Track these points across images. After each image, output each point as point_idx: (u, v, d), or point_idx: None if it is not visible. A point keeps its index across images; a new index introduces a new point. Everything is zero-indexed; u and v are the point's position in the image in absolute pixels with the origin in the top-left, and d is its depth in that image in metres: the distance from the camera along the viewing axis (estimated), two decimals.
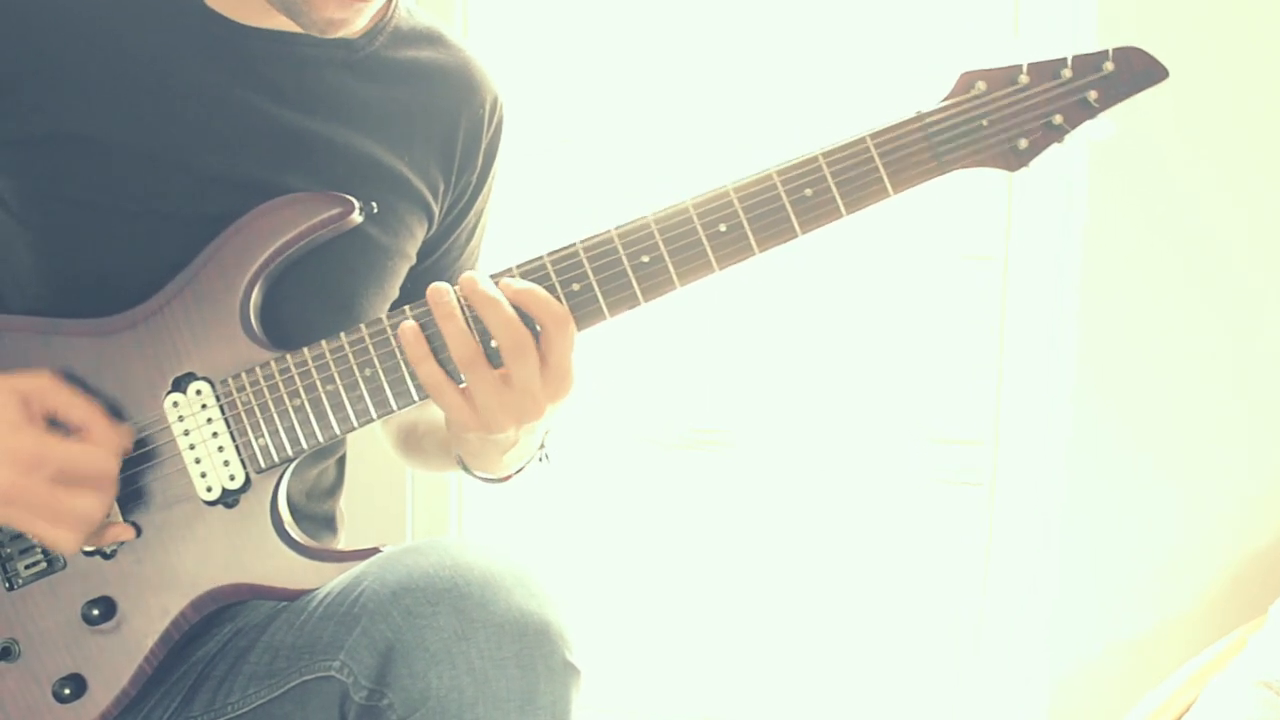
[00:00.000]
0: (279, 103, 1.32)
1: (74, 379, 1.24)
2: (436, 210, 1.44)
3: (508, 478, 1.38)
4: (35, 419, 1.20)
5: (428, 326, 1.21)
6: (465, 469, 1.38)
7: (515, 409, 1.20)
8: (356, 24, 1.29)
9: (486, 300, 1.18)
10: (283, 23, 1.32)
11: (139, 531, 1.25)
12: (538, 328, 1.19)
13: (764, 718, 2.29)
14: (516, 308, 1.19)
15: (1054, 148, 1.25)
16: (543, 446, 1.38)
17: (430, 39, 1.44)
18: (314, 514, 1.44)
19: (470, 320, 1.19)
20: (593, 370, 1.26)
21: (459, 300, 1.20)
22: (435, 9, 1.92)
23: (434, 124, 1.42)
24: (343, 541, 1.49)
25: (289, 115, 1.32)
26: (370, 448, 1.60)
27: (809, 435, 2.25)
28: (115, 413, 1.25)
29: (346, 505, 1.51)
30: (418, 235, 1.43)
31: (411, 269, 1.45)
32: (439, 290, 1.20)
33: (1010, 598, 2.06)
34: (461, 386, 1.20)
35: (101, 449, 1.21)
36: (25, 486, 1.17)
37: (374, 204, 1.32)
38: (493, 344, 1.19)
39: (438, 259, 1.49)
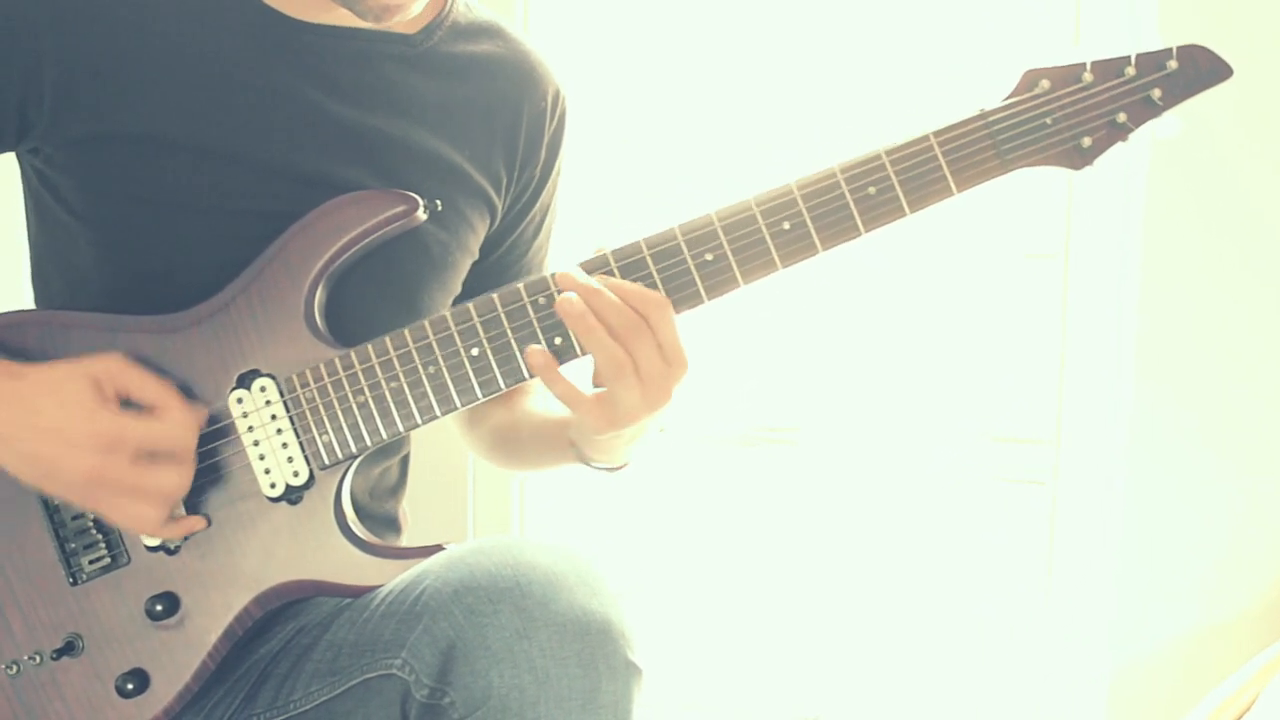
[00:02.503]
0: (338, 98, 1.32)
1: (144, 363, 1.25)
2: (499, 205, 1.44)
3: (626, 465, 1.38)
4: (109, 400, 1.21)
5: (494, 339, 1.22)
6: (586, 464, 1.38)
7: (650, 398, 1.20)
8: (412, 10, 1.29)
9: (591, 290, 1.19)
10: (340, 17, 1.32)
11: (209, 523, 1.26)
12: None
13: (827, 715, 2.28)
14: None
15: (1118, 146, 1.24)
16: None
17: (489, 33, 1.44)
18: (377, 513, 1.44)
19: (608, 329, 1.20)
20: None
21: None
22: (495, 5, 1.92)
23: (495, 118, 1.42)
24: (405, 542, 1.48)
25: (348, 110, 1.32)
26: (433, 447, 1.60)
27: (872, 433, 2.25)
28: None
29: (409, 505, 1.50)
30: (480, 230, 1.43)
31: (476, 264, 1.45)
32: (570, 303, 1.19)
33: (1072, 595, 2.05)
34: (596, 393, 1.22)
35: (177, 423, 1.22)
36: (108, 467, 1.19)
37: (438, 202, 1.32)
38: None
39: (503, 254, 1.49)
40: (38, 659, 1.27)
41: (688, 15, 2.25)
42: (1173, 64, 1.21)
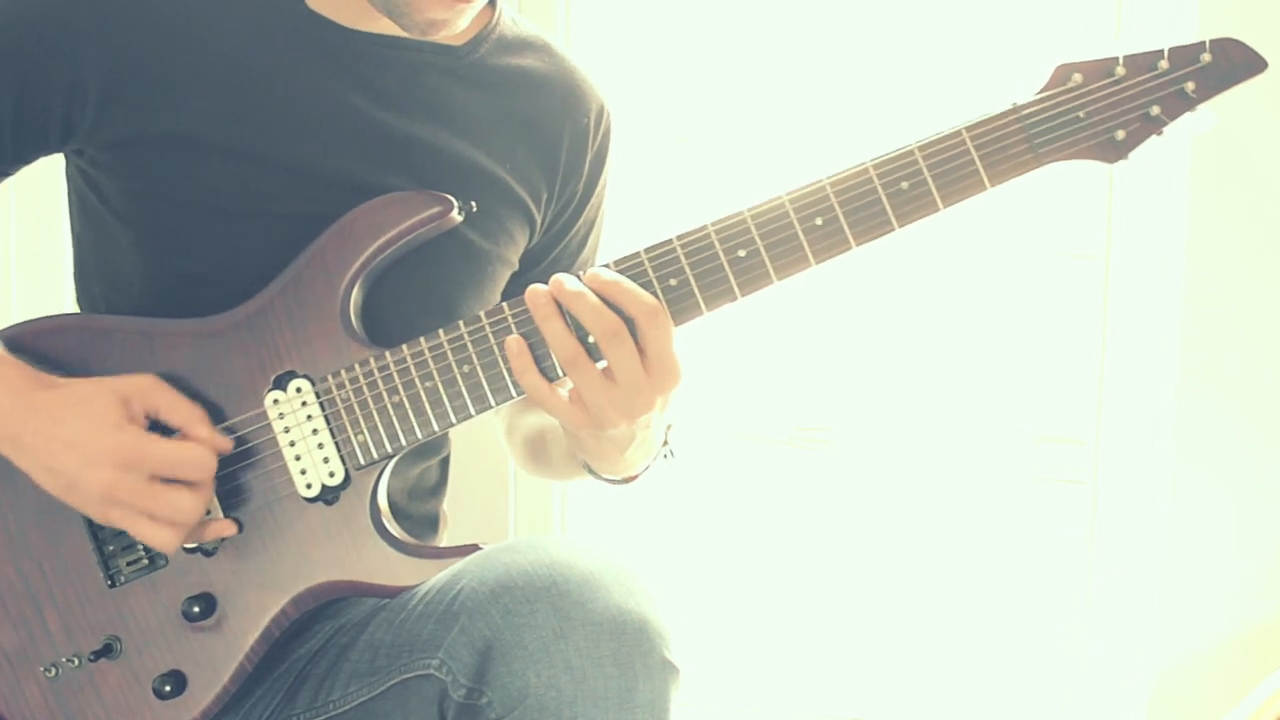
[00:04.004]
0: (381, 106, 1.33)
1: (177, 380, 1.26)
2: (539, 218, 1.45)
3: (634, 478, 1.37)
4: (136, 419, 1.22)
5: (530, 336, 1.21)
6: (592, 472, 1.37)
7: (624, 404, 1.19)
8: (458, 25, 1.29)
9: (572, 295, 1.18)
10: (385, 26, 1.33)
11: (240, 528, 1.27)
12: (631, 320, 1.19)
13: (865, 713, 2.27)
14: (608, 302, 1.18)
15: (1153, 140, 1.23)
16: (666, 443, 1.37)
17: (534, 48, 1.45)
18: (416, 514, 1.44)
19: (569, 321, 1.20)
20: (695, 367, 1.25)
21: (556, 302, 1.20)
22: (538, 13, 1.93)
23: (537, 132, 1.42)
24: (444, 542, 1.49)
25: (391, 118, 1.33)
26: (474, 448, 1.60)
27: (911, 433, 2.25)
28: (217, 410, 1.27)
29: (449, 505, 1.50)
30: (519, 242, 1.43)
31: (518, 277, 1.45)
32: (536, 291, 1.20)
33: (1113, 595, 2.04)
34: (568, 390, 1.21)
35: (199, 449, 1.22)
36: (123, 485, 1.20)
37: (473, 203, 1.32)
38: (590, 340, 1.19)
39: (547, 268, 1.48)
40: (76, 661, 1.28)
41: (728, 19, 2.25)
42: (1206, 57, 1.21)
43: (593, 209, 1.51)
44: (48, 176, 1.45)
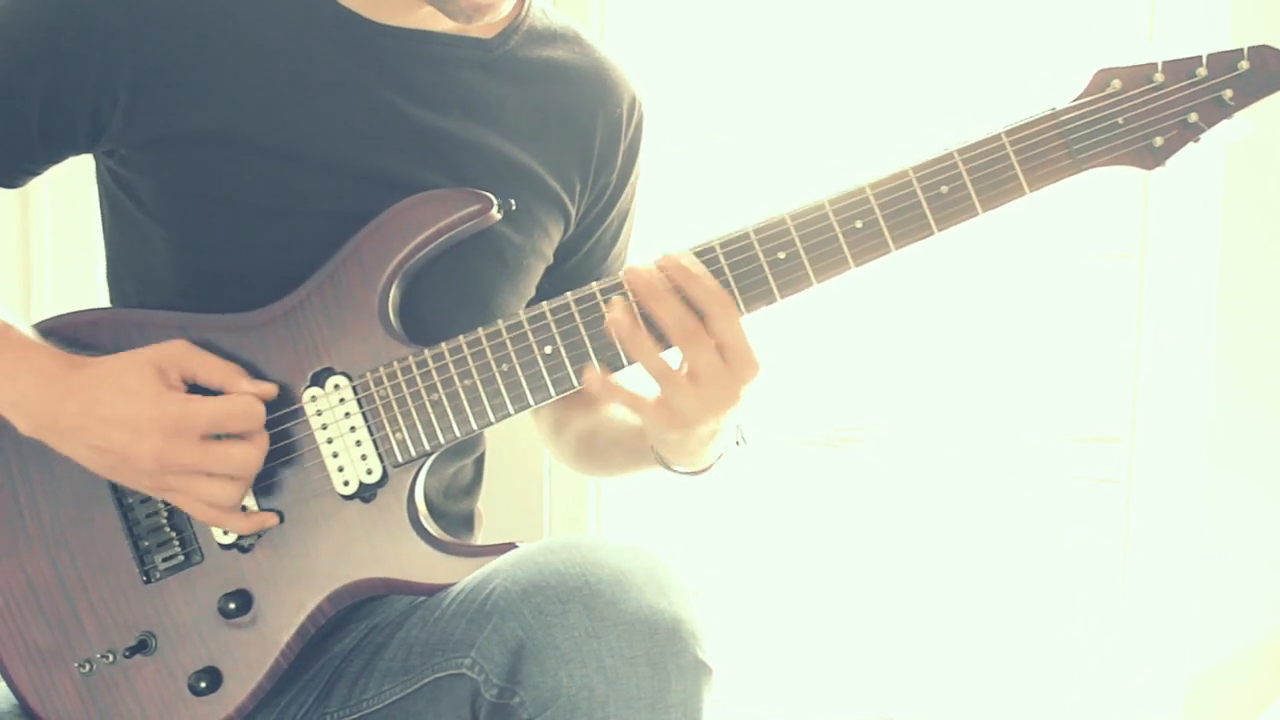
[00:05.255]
0: (414, 100, 1.33)
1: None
2: (573, 211, 1.45)
3: (709, 467, 1.36)
4: (174, 385, 1.22)
5: (568, 337, 1.22)
6: (666, 466, 1.36)
7: (711, 401, 1.19)
8: (502, 10, 1.29)
9: (653, 291, 1.19)
10: (417, 20, 1.33)
11: (281, 520, 1.27)
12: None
13: (899, 714, 2.27)
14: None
15: (1190, 147, 1.24)
16: (738, 429, 1.36)
17: (566, 39, 1.44)
18: (451, 513, 1.44)
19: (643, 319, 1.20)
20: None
21: (633, 305, 1.20)
22: (572, 8, 1.93)
23: (570, 124, 1.42)
24: (480, 541, 1.48)
25: (424, 113, 1.33)
26: (509, 447, 1.60)
27: (947, 434, 2.25)
28: None
29: (484, 504, 1.50)
30: (553, 235, 1.43)
31: (552, 270, 1.45)
32: (615, 323, 1.20)
33: (1148, 596, 2.04)
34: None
35: (246, 398, 1.22)
36: (176, 450, 1.20)
37: (513, 201, 1.33)
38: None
39: (580, 260, 1.49)
40: (111, 657, 1.28)
41: (763, 16, 2.26)
42: (1244, 64, 1.21)
43: (626, 200, 1.51)
44: (79, 176, 1.45)
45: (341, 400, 1.26)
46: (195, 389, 1.24)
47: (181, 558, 1.28)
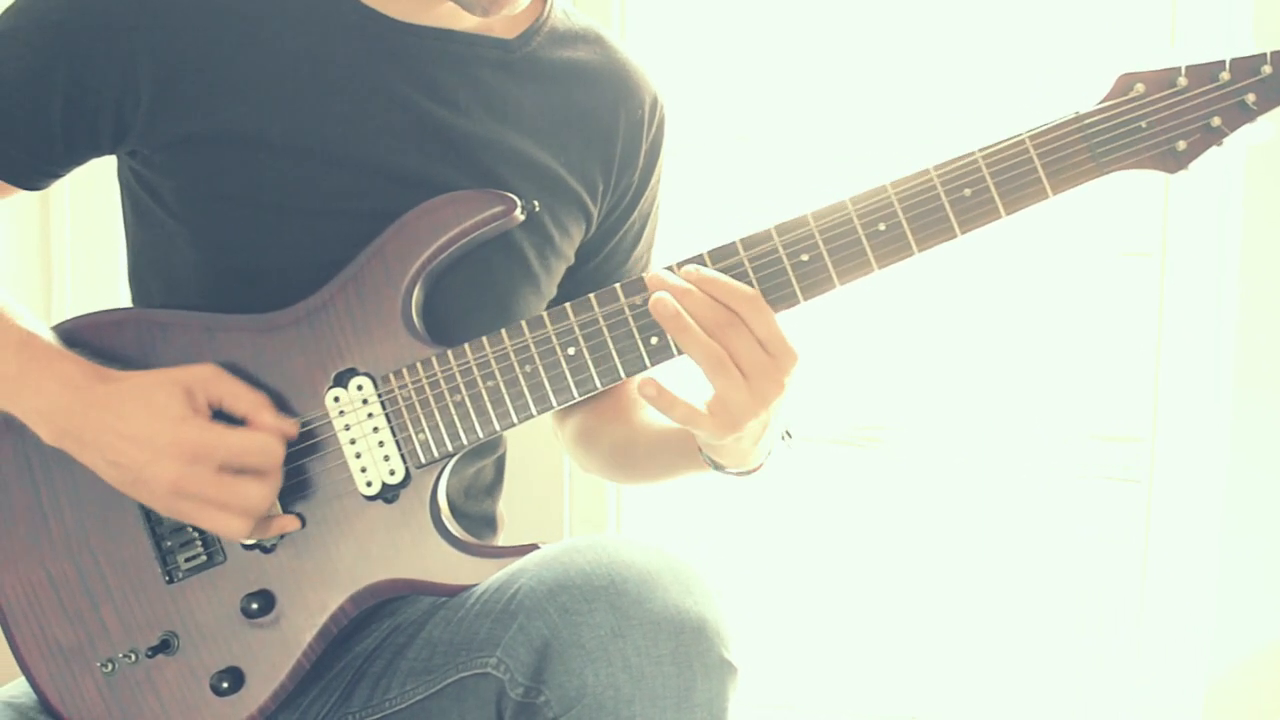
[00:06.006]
0: (436, 100, 1.33)
1: (237, 375, 1.26)
2: (595, 211, 1.45)
3: (760, 466, 1.36)
4: (200, 410, 1.22)
5: (596, 350, 1.23)
6: (718, 469, 1.36)
7: (759, 393, 1.19)
8: (519, 4, 1.29)
9: (681, 290, 1.19)
10: (437, 18, 1.33)
11: (303, 523, 1.27)
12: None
13: (920, 713, 2.27)
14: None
15: (1213, 150, 1.24)
16: (784, 426, 1.36)
17: (587, 39, 1.44)
18: (473, 513, 1.44)
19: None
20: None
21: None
22: (594, 8, 1.93)
23: (591, 125, 1.42)
24: (501, 542, 1.48)
25: (445, 112, 1.33)
26: (529, 448, 1.60)
27: (967, 432, 2.25)
28: (279, 407, 1.26)
29: (504, 505, 1.50)
30: (575, 236, 1.43)
31: (575, 271, 1.46)
32: (663, 303, 1.19)
33: (1168, 595, 2.04)
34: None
35: (266, 436, 1.23)
36: (191, 478, 1.20)
37: (536, 202, 1.33)
38: None
39: (602, 261, 1.49)
40: (133, 657, 1.28)
41: (789, 16, 2.26)
42: (1267, 69, 1.21)
43: (648, 202, 1.51)
44: (99, 177, 1.45)
45: (364, 401, 1.26)
46: (220, 415, 1.24)
47: (204, 558, 1.28)
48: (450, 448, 1.26)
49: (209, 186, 1.31)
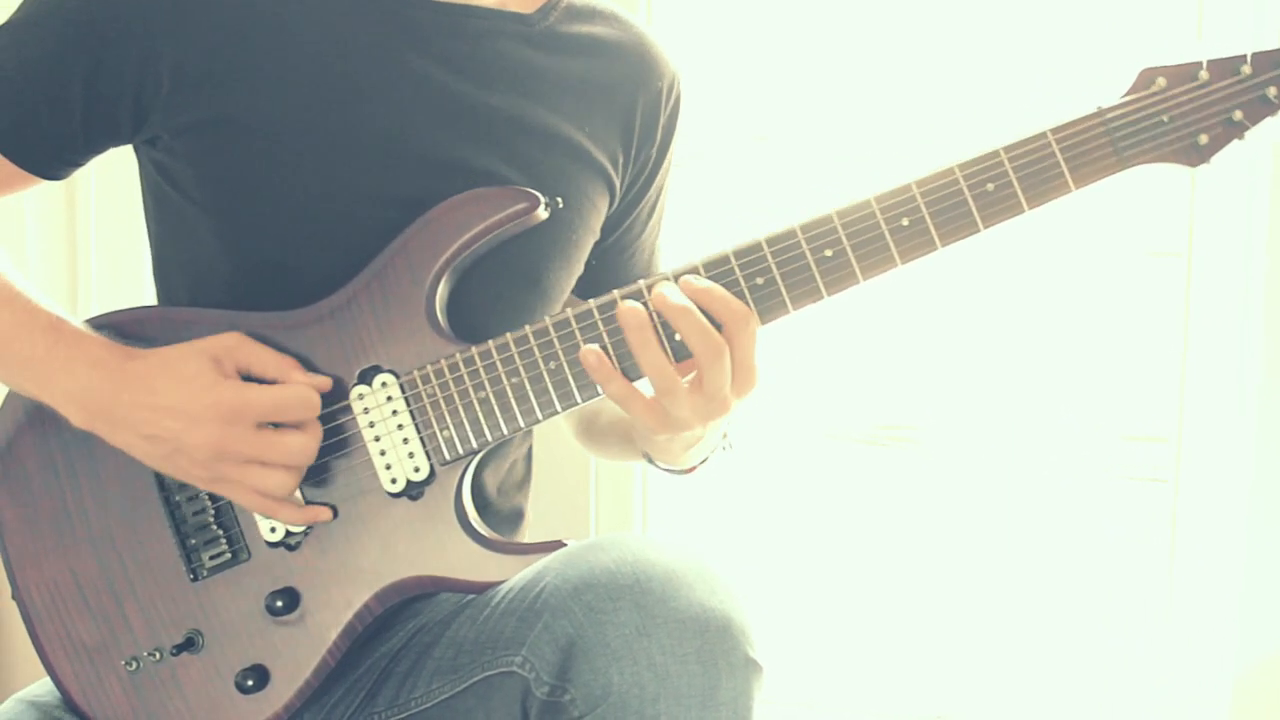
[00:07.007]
0: (457, 75, 1.32)
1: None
2: (618, 183, 1.44)
3: (693, 469, 1.38)
4: (230, 375, 1.22)
5: (614, 335, 1.22)
6: (651, 462, 1.38)
7: (704, 411, 1.20)
8: None
9: (679, 310, 1.19)
10: None
11: (335, 513, 1.27)
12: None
13: (948, 712, 2.27)
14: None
15: (1234, 144, 1.24)
16: (725, 436, 1.38)
17: (604, 16, 1.44)
18: (504, 508, 1.44)
19: (661, 332, 1.20)
20: (779, 366, 1.26)
21: (652, 314, 1.20)
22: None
23: (612, 97, 1.41)
24: (527, 538, 1.48)
25: (468, 88, 1.32)
26: (554, 443, 1.60)
27: (993, 432, 2.25)
28: None
29: (531, 501, 1.50)
30: (601, 208, 1.43)
31: (598, 244, 1.45)
32: (633, 312, 1.20)
33: (1195, 595, 2.04)
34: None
35: (301, 387, 1.23)
36: (231, 438, 1.20)
37: (559, 199, 1.32)
38: (676, 338, 1.20)
39: (620, 235, 1.49)
40: (157, 655, 1.28)
41: (810, 16, 2.26)
42: None
43: (663, 176, 1.51)
44: (123, 175, 1.45)
45: (389, 398, 1.26)
46: (249, 380, 1.24)
47: (228, 555, 1.28)
48: (474, 445, 1.25)
49: (229, 171, 1.30)
